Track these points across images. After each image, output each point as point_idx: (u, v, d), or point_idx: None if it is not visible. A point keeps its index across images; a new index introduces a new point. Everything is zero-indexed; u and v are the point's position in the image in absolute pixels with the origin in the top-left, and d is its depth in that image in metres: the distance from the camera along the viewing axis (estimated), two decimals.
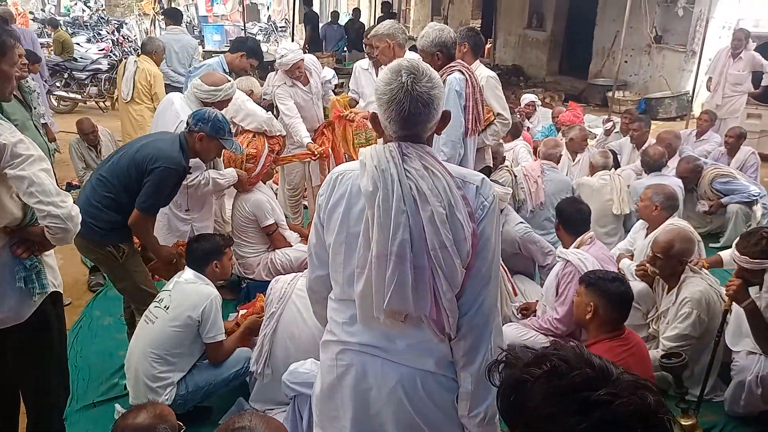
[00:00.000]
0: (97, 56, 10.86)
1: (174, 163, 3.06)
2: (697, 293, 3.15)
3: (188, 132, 3.21)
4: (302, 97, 4.81)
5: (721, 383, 3.26)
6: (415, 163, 1.63)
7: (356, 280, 1.67)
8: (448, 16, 15.61)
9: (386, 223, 1.59)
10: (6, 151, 2.04)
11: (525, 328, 3.51)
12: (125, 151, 3.20)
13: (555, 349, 1.00)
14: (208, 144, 3.23)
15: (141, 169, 3.03)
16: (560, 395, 0.92)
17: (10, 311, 2.30)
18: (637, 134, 5.99)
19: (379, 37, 4.09)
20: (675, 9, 9.85)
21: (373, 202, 1.60)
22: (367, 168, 1.64)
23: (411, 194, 1.59)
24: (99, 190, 3.05)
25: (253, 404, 3.00)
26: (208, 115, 3.22)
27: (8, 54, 2.14)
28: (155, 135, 3.39)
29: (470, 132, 3.60)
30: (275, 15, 23.80)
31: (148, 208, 3.08)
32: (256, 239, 4.14)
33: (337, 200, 1.71)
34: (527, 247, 3.99)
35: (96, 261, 3.21)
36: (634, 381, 0.93)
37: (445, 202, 1.59)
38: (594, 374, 0.93)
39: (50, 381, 2.56)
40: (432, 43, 3.54)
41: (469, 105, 3.53)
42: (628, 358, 2.46)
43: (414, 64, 1.64)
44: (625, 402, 0.89)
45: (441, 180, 1.62)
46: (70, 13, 18.46)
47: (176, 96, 3.74)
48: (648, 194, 3.91)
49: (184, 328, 2.84)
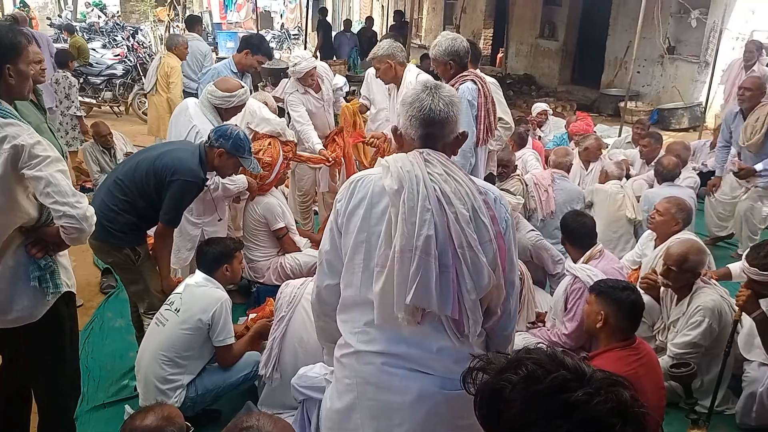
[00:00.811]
0: (112, 62, 10.98)
1: (193, 176, 3.12)
2: (710, 302, 3.13)
3: (209, 146, 3.24)
4: (314, 104, 4.84)
5: (732, 395, 3.23)
6: (438, 169, 1.66)
7: (375, 279, 1.67)
8: (460, 25, 15.66)
9: (411, 219, 1.60)
10: (24, 152, 2.08)
11: (533, 337, 3.50)
12: (145, 156, 3.24)
13: (528, 353, 1.01)
14: (226, 160, 3.26)
15: (160, 179, 3.07)
16: (539, 400, 0.93)
17: (23, 310, 2.32)
18: (646, 150, 5.93)
19: (380, 59, 4.16)
20: (688, 20, 9.81)
21: (397, 200, 1.62)
22: (391, 169, 1.67)
23: (435, 195, 1.62)
24: (115, 193, 3.09)
25: (261, 408, 3.00)
26: (230, 132, 3.24)
27: (24, 53, 2.18)
28: (176, 144, 3.43)
29: (481, 142, 3.61)
30: (288, 23, 23.97)
31: (171, 221, 3.17)
32: (267, 243, 4.16)
33: (358, 203, 1.72)
34: (538, 254, 3.98)
35: (111, 264, 3.25)
36: (607, 378, 0.95)
37: (468, 206, 1.62)
38: (570, 376, 0.94)
39: (62, 381, 2.58)
40: (445, 52, 3.55)
41: (480, 115, 3.54)
42: (639, 368, 2.44)
43: (438, 82, 1.78)
44: (603, 400, 0.90)
45: (463, 186, 1.65)
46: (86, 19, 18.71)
47: (191, 101, 3.78)
48: (670, 210, 3.79)
49: (195, 331, 2.86)
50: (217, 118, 3.64)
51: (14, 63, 2.15)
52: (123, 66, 10.88)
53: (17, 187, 2.16)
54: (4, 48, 2.12)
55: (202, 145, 3.27)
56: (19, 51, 2.16)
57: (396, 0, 18.99)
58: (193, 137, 3.54)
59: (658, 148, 5.90)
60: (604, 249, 3.59)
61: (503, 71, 13.89)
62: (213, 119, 3.61)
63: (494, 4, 15.97)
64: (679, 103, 10.43)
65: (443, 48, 3.56)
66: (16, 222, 2.21)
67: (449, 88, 1.76)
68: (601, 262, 3.40)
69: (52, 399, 2.59)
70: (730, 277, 3.89)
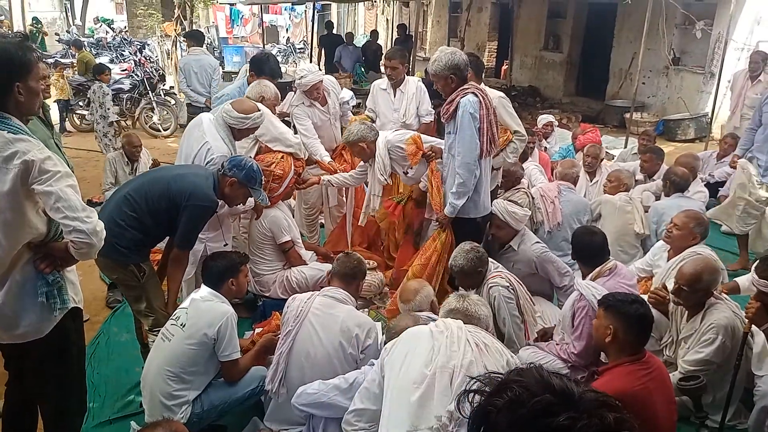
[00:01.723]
0: (120, 76, 11.05)
1: (209, 201, 3.20)
2: (723, 319, 3.08)
3: (221, 174, 3.32)
4: (320, 117, 4.85)
5: (745, 410, 3.19)
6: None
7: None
8: (464, 38, 15.72)
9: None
10: (34, 167, 2.09)
11: (542, 351, 3.47)
12: (158, 175, 3.28)
13: (518, 375, 1.01)
14: (237, 190, 3.36)
15: (174, 203, 3.11)
16: (523, 425, 0.93)
17: (31, 326, 2.32)
18: (647, 165, 5.88)
19: (353, 144, 4.26)
20: (693, 31, 9.82)
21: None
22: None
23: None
24: (124, 208, 3.10)
25: (268, 424, 2.98)
26: (244, 163, 3.34)
27: (34, 71, 2.20)
28: (191, 168, 3.47)
29: (485, 153, 3.61)
30: (294, 37, 24.14)
31: (185, 245, 3.24)
32: (273, 256, 4.16)
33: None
34: (544, 267, 3.95)
35: (117, 280, 3.25)
36: (595, 399, 0.94)
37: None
38: (555, 399, 0.94)
39: (68, 397, 2.58)
40: (445, 66, 3.56)
41: (483, 126, 3.55)
42: (648, 383, 2.41)
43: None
44: (586, 424, 0.89)
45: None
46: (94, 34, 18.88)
47: (206, 117, 3.80)
48: (689, 224, 3.74)
49: (200, 346, 2.84)
50: (230, 137, 3.67)
51: (24, 80, 2.16)
52: (130, 81, 10.95)
53: (27, 202, 2.16)
54: (15, 66, 2.13)
55: (216, 173, 3.33)
56: (29, 68, 2.18)
57: (401, 14, 19.13)
58: (203, 153, 3.56)
59: (659, 163, 5.85)
60: (618, 265, 3.53)
61: (508, 83, 13.91)
62: (225, 137, 3.64)
63: (498, 16, 16.05)
64: (685, 114, 10.42)
65: (443, 63, 3.56)
66: (25, 237, 2.21)
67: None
68: (610, 279, 3.35)
69: (58, 414, 2.59)
70: (738, 290, 3.86)
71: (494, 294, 3.35)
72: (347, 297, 3.02)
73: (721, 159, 6.89)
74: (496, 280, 3.39)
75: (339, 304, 2.96)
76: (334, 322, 2.88)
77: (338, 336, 2.85)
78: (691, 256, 3.58)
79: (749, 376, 3.16)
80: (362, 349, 2.87)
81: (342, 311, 2.93)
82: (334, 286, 3.06)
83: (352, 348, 2.85)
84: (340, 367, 2.83)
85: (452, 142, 3.65)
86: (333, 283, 3.11)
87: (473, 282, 3.46)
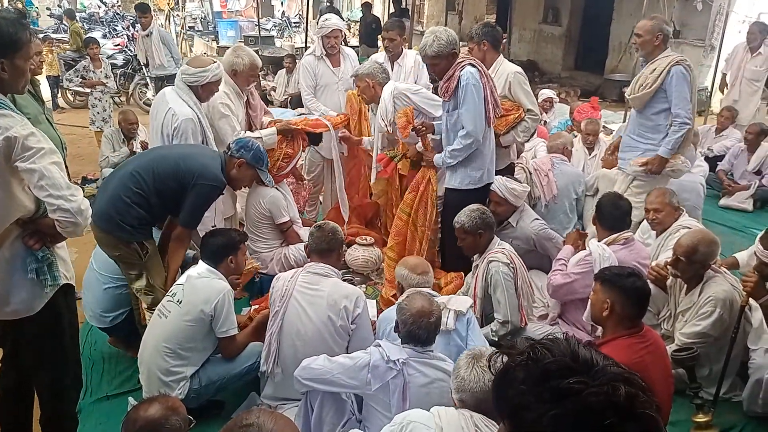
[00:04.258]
0: (113, 51, 10.92)
1: (218, 181, 3.18)
2: (722, 292, 3.08)
3: (229, 156, 3.30)
4: (328, 75, 4.81)
5: (741, 383, 3.20)
6: None
7: None
8: (462, 12, 15.52)
9: None
10: (17, 144, 2.05)
11: (540, 323, 3.49)
12: (165, 153, 3.23)
13: (547, 340, 1.00)
14: (245, 171, 3.35)
15: (183, 183, 3.08)
16: (534, 382, 0.93)
17: (22, 303, 2.31)
18: None
19: (360, 77, 4.24)
20: (694, 3, 9.70)
21: None
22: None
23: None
24: (130, 185, 3.03)
25: (264, 400, 2.99)
26: (251, 145, 3.35)
27: (23, 49, 2.15)
28: (197, 148, 3.42)
29: (491, 121, 3.65)
30: (289, 10, 23.80)
31: (191, 223, 3.22)
32: (271, 235, 4.14)
33: None
34: (543, 244, 3.95)
35: (117, 257, 3.17)
36: (615, 374, 0.92)
37: None
38: (573, 364, 0.93)
39: (63, 373, 2.58)
40: (447, 43, 3.55)
41: (486, 94, 3.56)
42: (646, 356, 2.41)
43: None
44: (594, 392, 0.88)
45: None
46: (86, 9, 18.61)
47: (167, 89, 3.70)
48: (664, 202, 3.69)
49: (197, 322, 2.84)
50: (194, 99, 3.53)
51: (10, 58, 2.11)
52: (123, 56, 10.83)
53: (12, 179, 2.13)
54: (2, 42, 2.08)
55: (223, 155, 3.32)
56: (18, 47, 2.12)
57: None
58: (169, 121, 3.47)
59: None
60: (636, 240, 3.51)
61: (506, 57, 13.77)
62: (189, 99, 3.51)
63: None
64: None
65: (445, 39, 3.53)
66: (13, 215, 2.19)
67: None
68: (622, 250, 3.34)
69: (54, 391, 2.59)
70: (737, 266, 3.86)
71: (493, 269, 3.34)
72: (330, 270, 2.99)
73: (720, 133, 6.86)
74: (497, 256, 3.37)
75: (323, 279, 2.94)
76: (320, 298, 2.87)
77: (326, 310, 2.84)
78: (678, 230, 3.59)
79: (746, 349, 3.17)
80: (352, 320, 2.88)
81: (327, 285, 2.91)
82: (314, 261, 3.04)
83: (341, 320, 2.85)
84: (332, 340, 2.84)
85: (457, 118, 3.64)
86: (312, 258, 3.08)
87: (472, 243, 3.46)
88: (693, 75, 4.01)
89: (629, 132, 4.29)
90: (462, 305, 2.88)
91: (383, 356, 2.42)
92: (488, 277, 3.36)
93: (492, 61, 4.19)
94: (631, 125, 4.28)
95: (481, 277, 3.40)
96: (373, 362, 2.42)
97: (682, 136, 3.98)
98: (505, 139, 4.17)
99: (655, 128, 4.07)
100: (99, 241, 3.16)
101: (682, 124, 3.95)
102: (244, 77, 4.01)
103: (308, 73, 4.80)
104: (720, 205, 6.13)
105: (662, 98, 3.99)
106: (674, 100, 3.93)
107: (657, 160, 4.03)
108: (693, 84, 4.00)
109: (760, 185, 6.12)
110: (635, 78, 4.21)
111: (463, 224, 3.43)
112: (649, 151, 4.10)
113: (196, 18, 18.82)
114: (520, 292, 3.38)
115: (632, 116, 4.28)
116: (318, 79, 4.81)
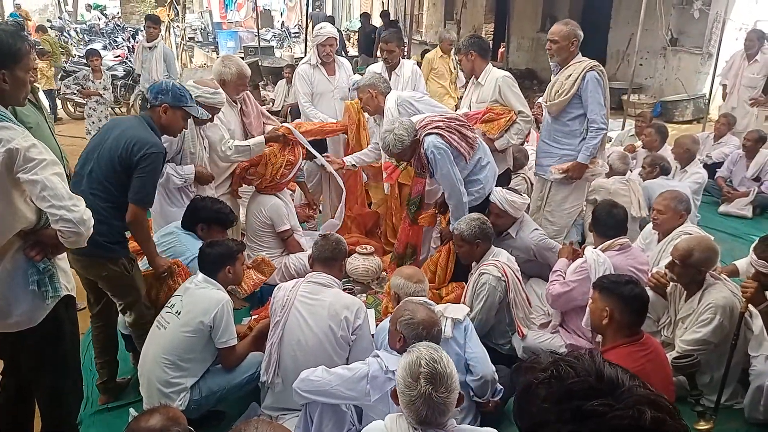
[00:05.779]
0: (113, 63, 10.99)
1: (156, 146, 2.97)
2: (722, 299, 3.08)
3: (150, 108, 3.13)
4: (324, 84, 4.87)
5: (742, 390, 3.19)
6: None
7: None
8: (460, 21, 15.60)
9: None
10: (19, 156, 2.06)
11: (541, 331, 3.49)
12: (93, 152, 2.97)
13: (571, 357, 0.98)
14: (172, 115, 3.13)
15: (126, 162, 2.88)
16: (557, 401, 0.91)
17: (23, 315, 2.31)
18: (647, 140, 5.89)
19: (362, 89, 4.27)
20: (691, 11, 9.75)
21: None
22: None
23: None
24: (99, 202, 2.84)
25: (265, 411, 2.98)
26: (165, 86, 3.16)
27: (23, 60, 2.17)
28: (117, 124, 3.13)
29: (467, 158, 3.71)
30: (288, 21, 23.93)
31: (144, 199, 2.97)
32: (271, 243, 4.15)
33: None
34: (542, 254, 3.95)
35: (105, 278, 2.99)
36: (642, 396, 0.89)
37: None
38: (597, 384, 0.91)
39: (64, 385, 2.57)
40: (408, 135, 3.65)
41: (454, 145, 3.63)
42: (646, 364, 2.41)
43: (431, 369, 1.90)
44: (619, 415, 0.86)
45: None
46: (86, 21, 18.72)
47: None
48: (670, 205, 3.74)
49: (196, 333, 2.83)
50: None
51: (11, 69, 2.13)
52: (124, 67, 10.88)
53: (14, 191, 2.14)
54: (3, 53, 2.10)
55: (145, 114, 3.14)
56: (19, 58, 2.14)
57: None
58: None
59: (656, 140, 5.84)
60: (632, 245, 3.52)
61: (505, 66, 13.80)
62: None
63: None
64: (683, 95, 10.37)
65: (405, 135, 3.61)
66: (15, 227, 2.19)
67: (445, 384, 1.90)
68: (618, 256, 3.35)
69: (54, 401, 2.58)
70: (737, 273, 3.86)
71: (483, 281, 3.35)
72: (332, 280, 2.99)
73: (718, 140, 6.88)
74: (489, 268, 3.38)
75: (324, 289, 2.94)
76: (321, 308, 2.87)
77: (327, 321, 2.84)
78: (678, 236, 3.60)
79: (746, 356, 3.17)
80: (353, 330, 2.87)
81: (328, 295, 2.91)
82: (317, 271, 3.04)
83: (342, 330, 2.85)
84: (332, 351, 2.84)
85: (441, 181, 3.75)
86: (315, 268, 3.08)
87: (468, 252, 3.50)
88: (605, 80, 4.09)
89: (544, 138, 4.35)
90: (459, 313, 2.89)
91: (382, 367, 2.42)
92: (476, 287, 3.38)
93: (481, 70, 4.36)
94: (546, 131, 4.34)
95: (471, 286, 3.43)
96: (372, 373, 2.42)
97: (599, 141, 4.07)
98: (500, 143, 4.23)
99: (570, 133, 4.15)
100: (83, 268, 2.98)
101: (599, 130, 4.03)
102: (232, 86, 4.06)
103: (304, 80, 4.86)
104: (719, 212, 6.14)
105: (577, 104, 4.06)
106: (590, 106, 4.00)
107: (577, 166, 4.11)
108: (605, 88, 4.08)
109: (759, 192, 6.12)
110: (549, 84, 4.26)
111: (462, 233, 3.45)
112: (565, 156, 4.18)
113: (196, 29, 18.94)
114: (512, 304, 3.39)
115: (546, 122, 4.34)
116: (314, 88, 4.87)
